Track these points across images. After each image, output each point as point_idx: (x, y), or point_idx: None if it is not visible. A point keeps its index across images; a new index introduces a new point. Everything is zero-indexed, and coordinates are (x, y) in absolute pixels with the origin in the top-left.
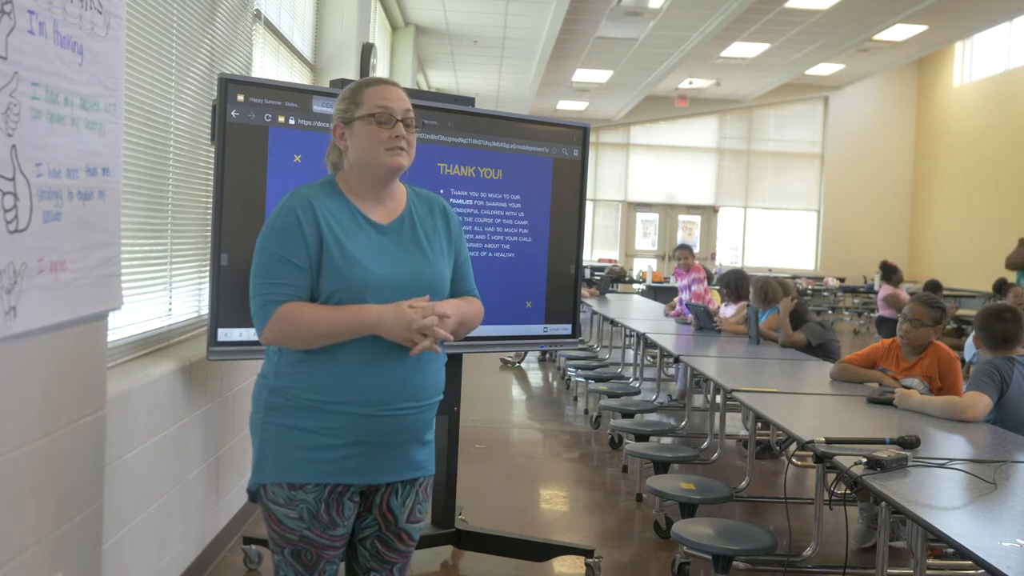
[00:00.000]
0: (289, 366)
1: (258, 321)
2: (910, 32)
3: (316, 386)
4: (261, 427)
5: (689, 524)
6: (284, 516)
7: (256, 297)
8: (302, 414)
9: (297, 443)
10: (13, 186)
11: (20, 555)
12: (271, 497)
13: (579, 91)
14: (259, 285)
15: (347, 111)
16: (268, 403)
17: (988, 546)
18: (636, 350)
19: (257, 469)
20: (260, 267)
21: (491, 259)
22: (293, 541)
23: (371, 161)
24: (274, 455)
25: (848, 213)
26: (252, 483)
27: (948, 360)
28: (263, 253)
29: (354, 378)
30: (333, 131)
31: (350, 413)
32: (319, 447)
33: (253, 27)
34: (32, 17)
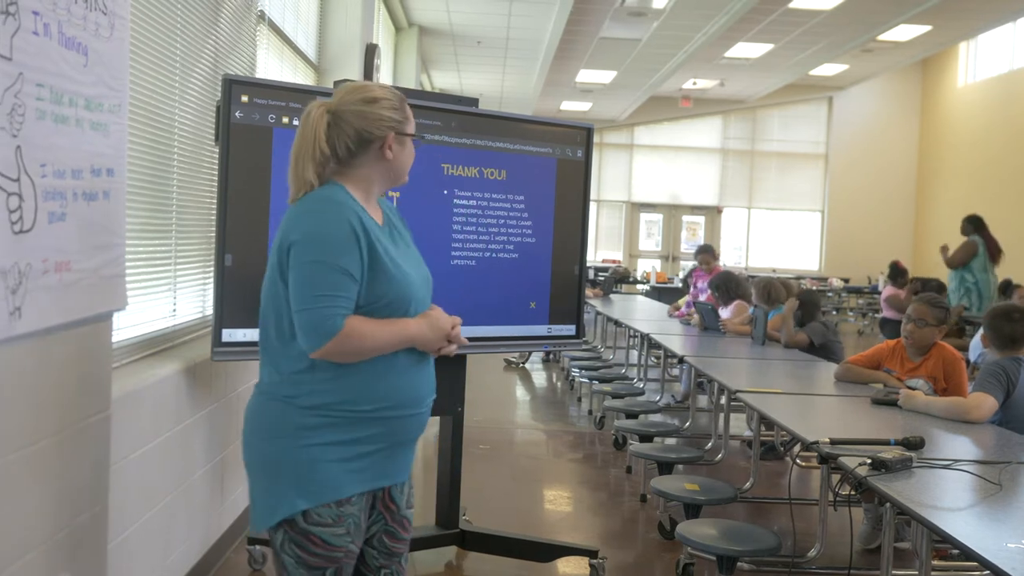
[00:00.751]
0: (328, 381)
1: (319, 335)
2: (914, 32)
3: (363, 396)
4: (293, 452)
5: (693, 525)
6: (331, 536)
7: (314, 310)
8: (344, 428)
9: (340, 457)
10: (18, 187)
11: (26, 554)
12: (316, 520)
13: (583, 92)
14: (319, 297)
15: (402, 124)
16: (302, 425)
17: (993, 547)
18: (640, 351)
19: (297, 494)
20: (319, 279)
21: (495, 260)
22: (339, 559)
23: (401, 174)
24: (317, 477)
25: (852, 214)
26: (296, 508)
27: (953, 361)
28: (322, 265)
29: (396, 383)
30: (386, 140)
31: (390, 417)
32: (359, 456)
33: (257, 28)
34: (37, 18)
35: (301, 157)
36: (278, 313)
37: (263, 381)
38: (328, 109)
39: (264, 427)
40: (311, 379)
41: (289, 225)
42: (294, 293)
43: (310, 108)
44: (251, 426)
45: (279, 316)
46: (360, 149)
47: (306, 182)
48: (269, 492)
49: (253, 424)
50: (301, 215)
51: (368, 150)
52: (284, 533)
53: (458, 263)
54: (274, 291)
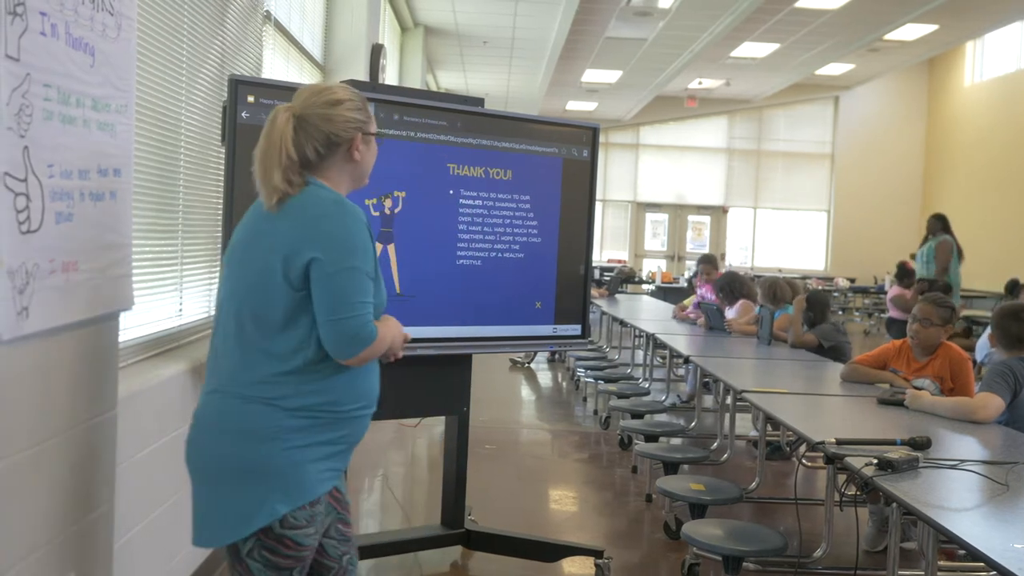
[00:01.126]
0: (316, 382)
1: (360, 342)
2: (921, 32)
3: (346, 396)
4: (277, 456)
5: (699, 525)
6: (303, 537)
7: (354, 318)
8: (324, 428)
9: (317, 458)
10: (25, 187)
11: (32, 554)
12: (291, 524)
13: (588, 91)
14: (356, 305)
15: (367, 124)
16: (287, 427)
17: (1000, 548)
18: (646, 351)
19: (278, 499)
20: (355, 286)
21: (501, 260)
22: (305, 557)
23: (365, 175)
24: (295, 480)
25: (858, 213)
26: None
27: (960, 361)
28: (356, 271)
29: (371, 382)
30: (356, 140)
31: (361, 416)
32: (330, 456)
33: (263, 28)
34: (44, 19)
35: (267, 163)
36: (264, 315)
37: (231, 382)
38: (293, 113)
39: (240, 430)
40: (297, 380)
41: (304, 232)
42: (328, 301)
43: (275, 113)
44: (218, 429)
45: (266, 318)
46: (328, 152)
47: (277, 188)
48: (243, 499)
49: (222, 427)
50: (318, 221)
51: (336, 152)
52: (256, 540)
53: (464, 263)
54: (265, 294)
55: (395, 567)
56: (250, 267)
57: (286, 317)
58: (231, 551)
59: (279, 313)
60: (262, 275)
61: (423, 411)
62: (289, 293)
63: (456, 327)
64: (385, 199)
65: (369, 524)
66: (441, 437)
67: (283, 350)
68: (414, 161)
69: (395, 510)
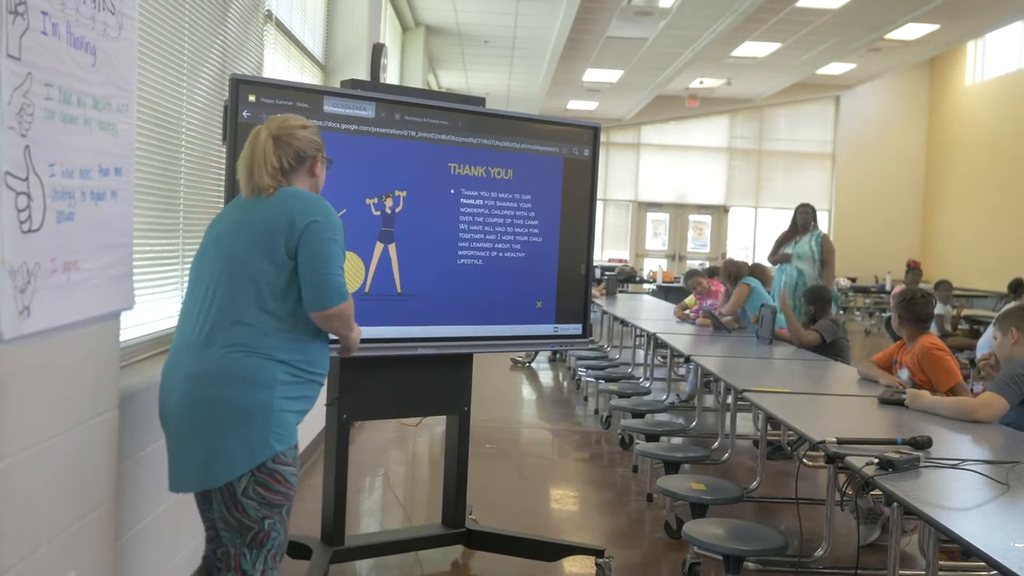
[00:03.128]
0: (298, 342)
1: (339, 295)
2: (922, 31)
3: (317, 360)
4: (272, 401)
5: (700, 524)
6: (290, 474)
7: (337, 275)
8: (301, 386)
9: (294, 409)
10: (27, 186)
11: (34, 552)
12: (284, 461)
13: (589, 91)
14: (340, 267)
15: (323, 148)
16: (279, 378)
17: (1001, 547)
18: (647, 350)
19: (266, 443)
20: (339, 254)
21: (501, 259)
22: (291, 497)
23: (317, 192)
24: (285, 423)
25: (859, 213)
26: (263, 457)
27: (923, 353)
28: (338, 244)
29: (326, 356)
30: (315, 161)
31: (321, 382)
32: (300, 412)
33: (264, 28)
34: (45, 18)
35: (256, 167)
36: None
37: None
38: (270, 133)
39: (245, 377)
40: (290, 337)
41: (301, 207)
42: (319, 259)
43: (257, 131)
44: (222, 378)
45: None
46: (297, 165)
47: (264, 186)
48: (247, 438)
49: (226, 375)
50: (313, 203)
51: (303, 166)
52: (251, 477)
53: (465, 262)
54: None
55: (396, 566)
56: (248, 240)
57: (286, 284)
58: (226, 496)
59: (281, 280)
60: (262, 245)
61: (424, 410)
62: (287, 262)
63: (457, 327)
64: (386, 198)
65: (370, 523)
66: (442, 436)
67: (281, 312)
68: (415, 161)
69: (396, 509)
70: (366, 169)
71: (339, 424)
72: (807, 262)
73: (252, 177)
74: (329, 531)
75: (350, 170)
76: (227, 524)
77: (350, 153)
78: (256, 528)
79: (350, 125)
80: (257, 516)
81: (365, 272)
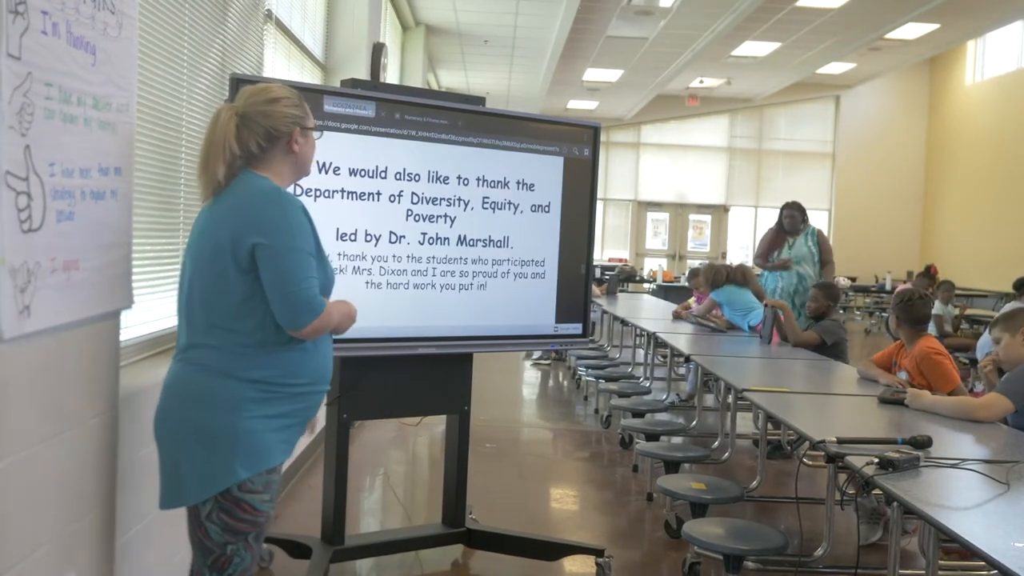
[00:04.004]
0: (273, 356)
1: (310, 312)
2: (922, 31)
3: (299, 372)
4: (235, 423)
5: (700, 524)
6: (259, 502)
7: (302, 292)
8: (279, 401)
9: (273, 428)
10: (27, 186)
11: (33, 553)
12: (249, 488)
13: (589, 90)
14: (303, 280)
15: (303, 119)
16: (245, 397)
17: (1001, 547)
18: (647, 350)
19: (237, 463)
20: (301, 263)
21: (501, 259)
22: (261, 523)
23: (309, 167)
24: (254, 447)
25: (859, 212)
26: (237, 478)
27: (923, 356)
28: (297, 251)
29: (321, 361)
30: (294, 135)
31: (313, 392)
32: (285, 428)
33: (264, 27)
34: (45, 18)
35: (212, 157)
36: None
37: (196, 354)
38: (236, 112)
39: (203, 398)
40: (257, 353)
41: (245, 219)
42: (278, 280)
43: (218, 111)
44: (183, 397)
45: (223, 297)
46: (270, 145)
47: (216, 181)
48: (206, 463)
49: (186, 395)
50: (259, 209)
51: (277, 145)
52: (215, 503)
53: (465, 261)
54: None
55: (396, 566)
56: (202, 256)
57: (242, 298)
58: (192, 515)
59: (235, 295)
60: (213, 263)
61: (424, 410)
62: (240, 276)
63: (457, 326)
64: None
65: (370, 523)
66: (442, 436)
67: (245, 327)
68: (415, 160)
69: (396, 509)
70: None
71: (339, 424)
72: (807, 264)
73: (206, 169)
74: (329, 530)
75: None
76: (192, 541)
77: (350, 152)
78: (218, 552)
79: (350, 124)
80: (220, 540)
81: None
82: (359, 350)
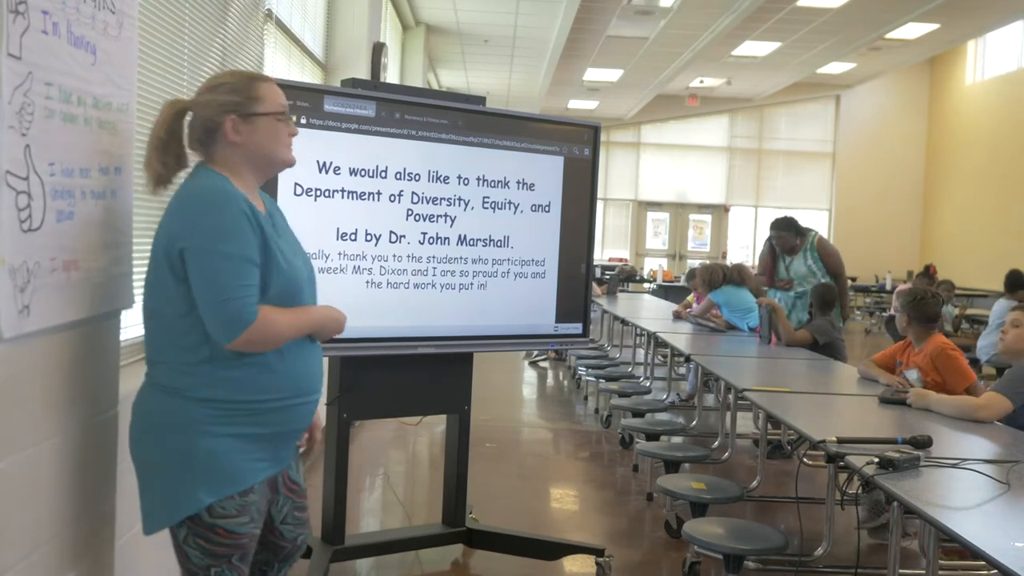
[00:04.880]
0: (224, 371)
1: (236, 326)
2: (922, 31)
3: (259, 387)
4: (192, 445)
5: (700, 524)
6: (236, 525)
7: (229, 301)
8: (243, 419)
9: (240, 448)
10: (27, 185)
11: (33, 553)
12: (220, 513)
13: (590, 90)
14: (231, 288)
15: (244, 105)
16: (198, 417)
17: (1002, 546)
18: (647, 349)
19: (199, 489)
20: (229, 270)
21: (501, 258)
22: (244, 544)
23: (273, 157)
24: (217, 470)
25: (860, 212)
26: (202, 504)
27: (940, 353)
28: (227, 257)
29: (295, 374)
30: (227, 123)
31: (285, 407)
32: (259, 447)
33: (264, 27)
34: (46, 17)
35: (148, 149)
36: (164, 307)
37: (153, 371)
38: (182, 104)
39: (157, 421)
40: (207, 371)
41: (176, 221)
42: (203, 288)
43: (163, 106)
44: (141, 421)
45: (165, 310)
46: (209, 138)
47: (153, 170)
48: (168, 488)
49: (143, 418)
50: (188, 209)
51: (215, 137)
52: (188, 529)
53: (464, 261)
54: (163, 287)
55: (396, 565)
56: (152, 258)
57: (184, 311)
58: (172, 537)
59: (177, 307)
60: (154, 271)
61: (424, 410)
62: (177, 286)
63: (457, 325)
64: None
65: (370, 523)
66: (442, 436)
67: (190, 342)
68: (416, 160)
69: (396, 508)
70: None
71: (339, 423)
72: (811, 282)
73: (144, 161)
74: (329, 530)
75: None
76: (178, 562)
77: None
78: (202, 574)
79: (350, 124)
80: (201, 564)
81: None
82: (359, 350)
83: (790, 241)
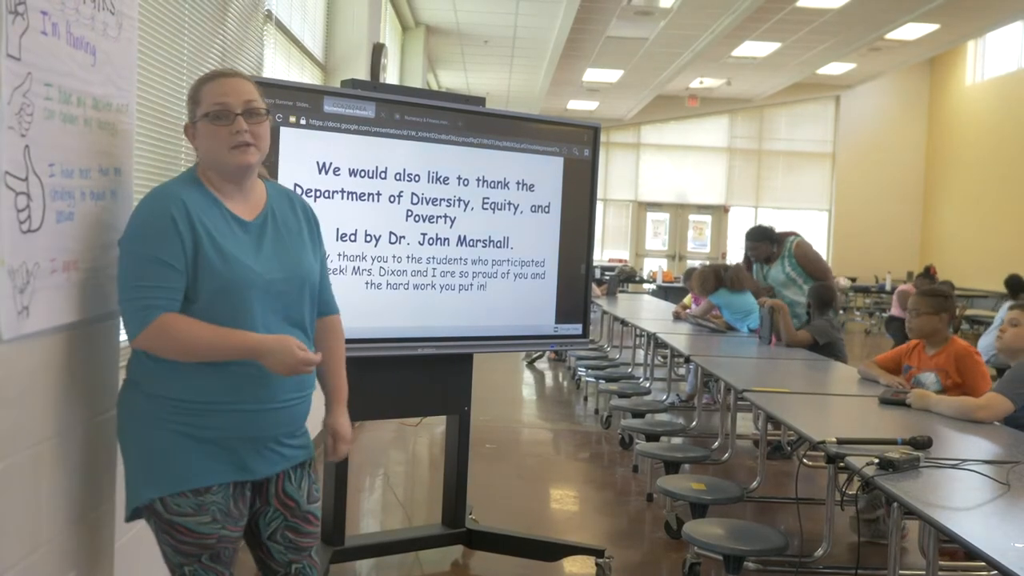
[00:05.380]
0: (166, 371)
1: (133, 326)
2: (922, 31)
3: (200, 388)
4: (141, 439)
5: (700, 524)
6: (196, 524)
7: (131, 301)
8: (192, 418)
9: (192, 448)
10: (26, 186)
11: (33, 553)
12: (176, 511)
13: (589, 91)
14: (133, 288)
15: (191, 111)
16: (148, 412)
17: (1001, 547)
18: (647, 350)
19: (144, 483)
20: (136, 270)
21: (501, 259)
22: (211, 544)
23: (218, 161)
24: (168, 466)
25: (859, 213)
26: (143, 498)
27: (964, 356)
28: (134, 256)
29: (241, 378)
30: (185, 131)
31: (235, 411)
32: (215, 448)
33: (264, 28)
34: (45, 18)
35: None
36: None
37: (129, 364)
38: None
39: (125, 413)
40: (157, 367)
41: None
42: (118, 284)
43: None
44: (118, 410)
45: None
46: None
47: None
48: (128, 480)
49: (120, 409)
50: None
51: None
52: (154, 522)
53: (464, 261)
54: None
55: (396, 566)
56: None
57: None
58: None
59: None
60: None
61: (424, 411)
62: None
63: (457, 326)
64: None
65: (370, 523)
66: (442, 436)
67: None
68: (415, 160)
69: (396, 509)
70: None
71: None
72: (790, 290)
73: None
74: (329, 531)
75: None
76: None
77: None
78: (178, 572)
79: (350, 125)
80: (175, 561)
81: None
82: (359, 350)
83: (766, 251)
